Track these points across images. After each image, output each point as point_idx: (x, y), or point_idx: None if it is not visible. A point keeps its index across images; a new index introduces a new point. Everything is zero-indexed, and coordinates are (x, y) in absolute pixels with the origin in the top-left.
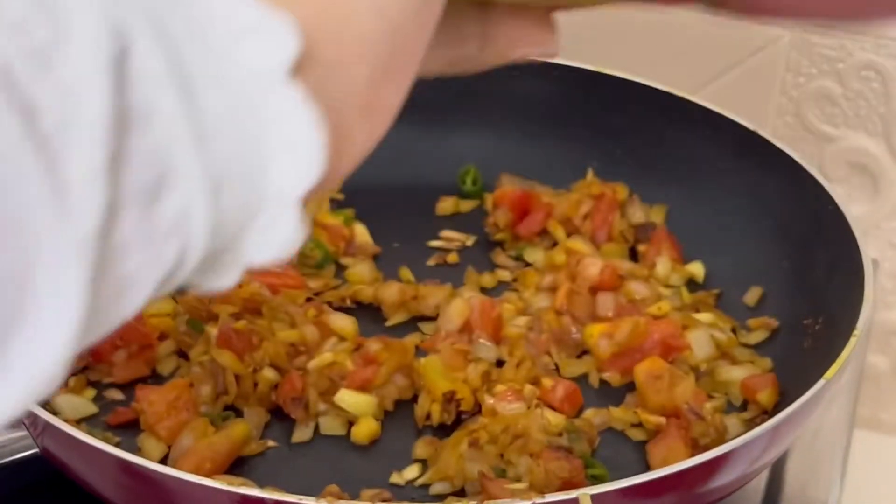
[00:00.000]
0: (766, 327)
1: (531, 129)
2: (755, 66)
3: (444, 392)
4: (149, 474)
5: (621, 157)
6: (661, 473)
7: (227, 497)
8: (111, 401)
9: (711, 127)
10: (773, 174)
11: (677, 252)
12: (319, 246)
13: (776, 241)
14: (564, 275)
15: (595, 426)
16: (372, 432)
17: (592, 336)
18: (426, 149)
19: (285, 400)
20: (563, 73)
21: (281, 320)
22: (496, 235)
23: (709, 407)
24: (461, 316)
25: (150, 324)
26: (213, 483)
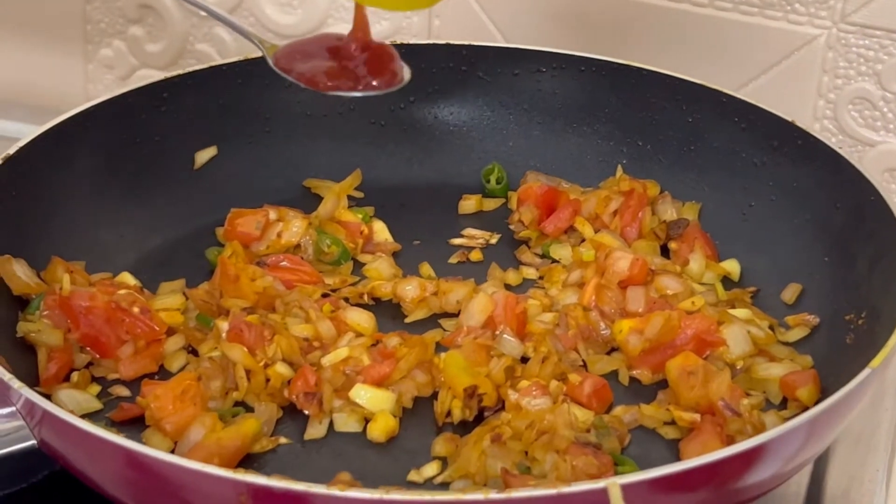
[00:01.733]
0: (806, 324)
1: (557, 125)
2: (790, 68)
3: (465, 387)
4: (154, 464)
5: (652, 154)
6: (694, 464)
7: (233, 487)
8: (116, 397)
9: (746, 120)
10: (811, 167)
11: (711, 249)
12: (336, 242)
13: (815, 236)
14: (593, 270)
15: (625, 424)
16: (389, 429)
17: (622, 332)
18: (449, 147)
19: (298, 395)
20: (589, 66)
21: (295, 315)
22: (521, 233)
23: (746, 403)
24: (484, 311)
25: (157, 318)
26: (220, 471)
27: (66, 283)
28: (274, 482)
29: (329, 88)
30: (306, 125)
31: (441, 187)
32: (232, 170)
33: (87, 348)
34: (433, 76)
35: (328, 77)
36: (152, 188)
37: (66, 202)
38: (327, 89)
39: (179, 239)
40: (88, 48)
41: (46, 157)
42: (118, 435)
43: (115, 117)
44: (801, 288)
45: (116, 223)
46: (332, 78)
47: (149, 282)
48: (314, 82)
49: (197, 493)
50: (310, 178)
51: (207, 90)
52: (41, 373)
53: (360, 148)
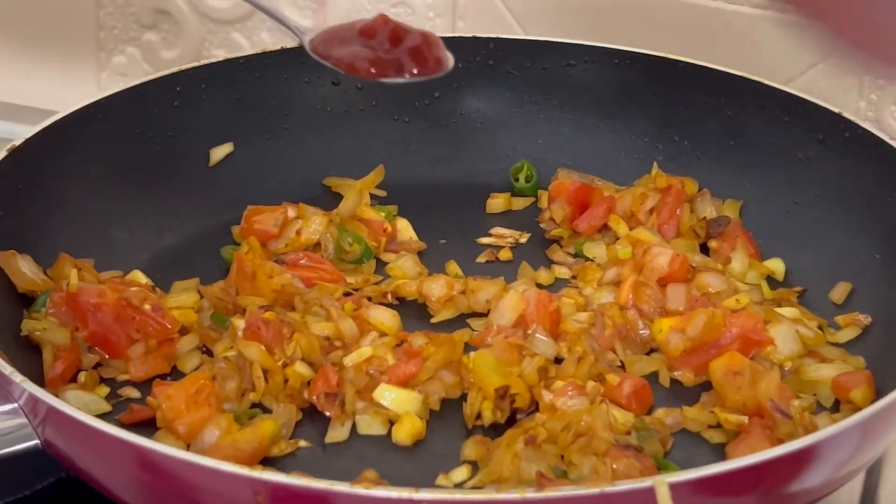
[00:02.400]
0: (858, 324)
1: (589, 121)
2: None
3: (496, 388)
4: (166, 463)
5: (689, 150)
6: (743, 463)
7: (250, 486)
8: (126, 399)
9: (789, 112)
10: (859, 160)
11: (754, 248)
12: (358, 240)
13: (865, 232)
14: (630, 267)
15: (667, 426)
16: (416, 431)
17: (662, 331)
18: (475, 144)
19: (319, 396)
20: (622, 59)
21: (315, 314)
22: (552, 232)
23: (797, 405)
24: (515, 310)
25: (170, 317)
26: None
27: (74, 280)
28: (293, 480)
29: (372, 76)
30: (326, 121)
31: (468, 186)
32: (248, 167)
33: (96, 348)
34: (459, 70)
35: (370, 64)
36: (165, 185)
37: (75, 197)
38: (370, 76)
39: (194, 237)
40: (101, 55)
41: (54, 150)
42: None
43: (127, 110)
44: (851, 287)
45: (128, 220)
46: (375, 65)
47: (161, 281)
48: (355, 68)
49: (211, 493)
50: (330, 177)
51: (223, 84)
52: (46, 373)
53: (383, 145)
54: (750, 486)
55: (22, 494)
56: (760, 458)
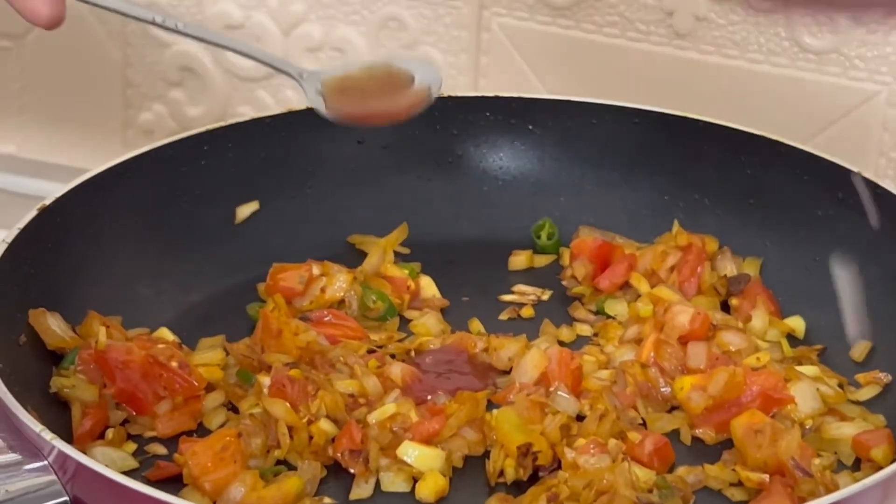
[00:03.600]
0: (878, 382)
1: (611, 179)
2: (849, 126)
3: (519, 445)
4: None
5: (710, 208)
6: None
7: None
8: (152, 455)
9: (808, 171)
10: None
11: (774, 305)
12: (382, 298)
13: (885, 291)
14: (650, 325)
15: (689, 484)
16: (439, 489)
17: (683, 389)
18: (498, 202)
19: (343, 453)
20: (643, 117)
21: (340, 371)
22: (574, 289)
23: (818, 463)
24: (538, 367)
25: (196, 374)
26: None
27: (103, 337)
28: None
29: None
30: (350, 180)
31: (490, 243)
32: (274, 225)
33: (123, 404)
34: (482, 129)
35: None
36: (192, 243)
37: (103, 255)
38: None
39: (220, 295)
40: (129, 112)
41: (83, 209)
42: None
43: (154, 169)
44: (871, 345)
45: (155, 278)
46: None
47: (188, 338)
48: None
49: None
50: (354, 234)
51: (249, 143)
52: (75, 429)
53: (407, 203)
54: None
55: None
56: None
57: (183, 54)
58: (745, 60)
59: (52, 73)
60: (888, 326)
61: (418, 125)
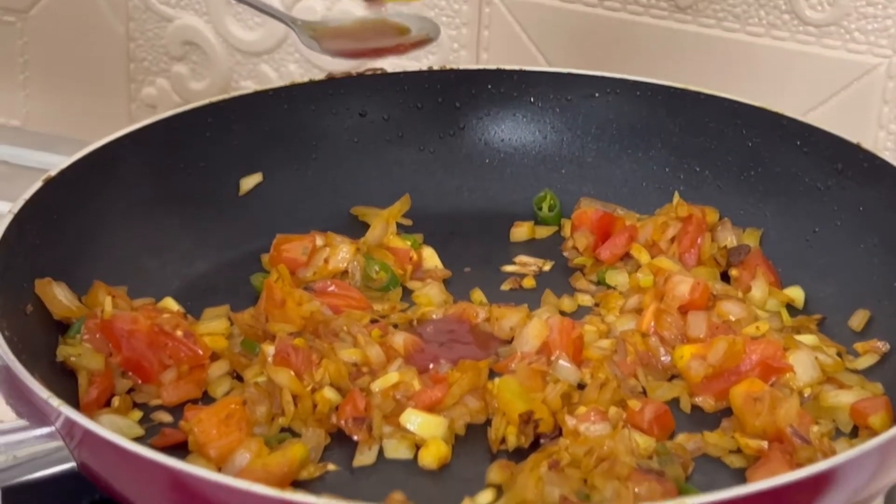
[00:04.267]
0: (876, 351)
1: (611, 151)
2: (849, 98)
3: (520, 413)
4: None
5: (710, 179)
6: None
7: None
8: (158, 423)
9: (808, 143)
10: (878, 189)
11: (774, 276)
12: (385, 269)
13: (884, 261)
14: (651, 295)
15: (689, 451)
16: (441, 455)
17: (683, 358)
18: (499, 174)
19: (347, 421)
20: (644, 90)
21: (343, 340)
22: (575, 260)
23: (816, 431)
24: (539, 336)
25: (201, 343)
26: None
27: (108, 307)
28: (324, 501)
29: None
30: (354, 152)
31: (492, 215)
32: (278, 197)
33: (129, 373)
34: (483, 102)
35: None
36: (197, 214)
37: (109, 226)
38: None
39: (224, 266)
40: (132, 87)
41: (88, 181)
42: None
43: (159, 141)
44: (870, 314)
45: (159, 249)
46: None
47: (192, 308)
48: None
49: None
50: (357, 206)
51: (253, 116)
52: (81, 397)
53: (409, 175)
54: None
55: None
56: (779, 482)
57: (186, 29)
58: (746, 33)
59: (55, 47)
60: (886, 296)
61: (420, 98)
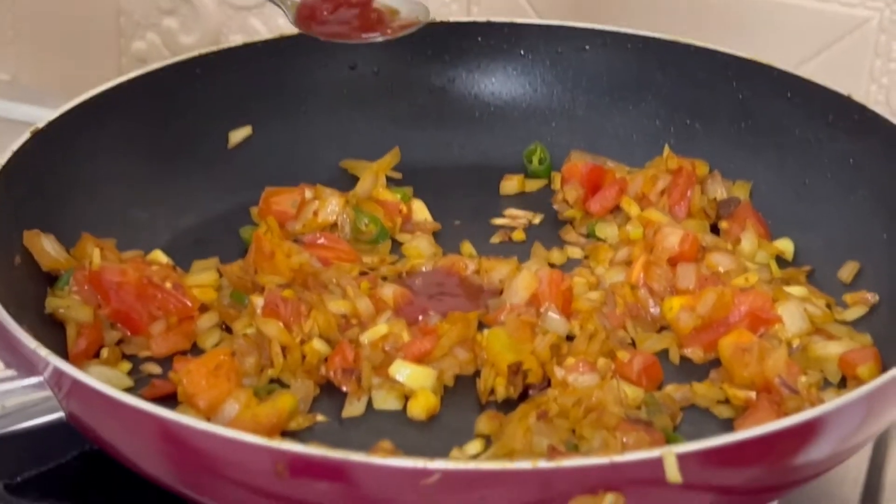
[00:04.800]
0: (865, 303)
1: (601, 104)
2: (841, 51)
3: (509, 364)
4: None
5: (701, 132)
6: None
7: (270, 456)
8: (147, 374)
9: (800, 95)
10: (868, 141)
11: (764, 228)
12: (375, 221)
13: (873, 213)
14: (640, 247)
15: (677, 402)
16: (430, 406)
17: (672, 309)
18: (490, 127)
19: (336, 372)
20: (635, 42)
21: (332, 292)
22: (565, 213)
23: (804, 381)
24: (528, 288)
25: (190, 294)
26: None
27: (97, 259)
28: (312, 450)
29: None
30: (343, 105)
31: (482, 168)
32: (267, 150)
33: (118, 325)
34: (474, 55)
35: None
36: (186, 167)
37: (97, 179)
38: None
39: (213, 219)
40: (122, 41)
41: (76, 132)
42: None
43: (148, 93)
44: (859, 266)
45: (148, 201)
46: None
47: (182, 261)
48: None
49: (232, 464)
50: (347, 159)
51: (242, 68)
52: (70, 349)
53: (399, 129)
54: (757, 457)
55: (47, 467)
56: (767, 430)
57: None
58: None
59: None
60: (876, 248)
61: (410, 51)
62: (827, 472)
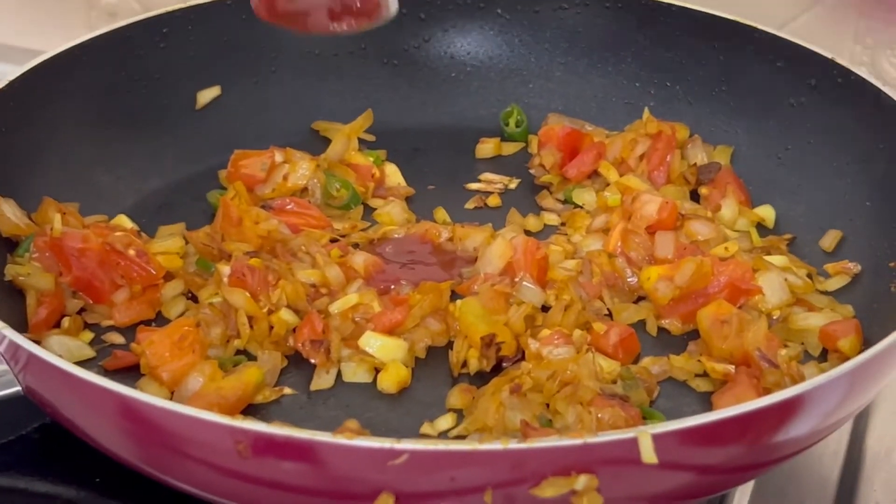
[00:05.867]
0: (847, 272)
1: (580, 66)
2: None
3: (482, 336)
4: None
5: (681, 95)
6: (729, 413)
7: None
8: (110, 345)
9: (782, 58)
10: (852, 106)
11: (744, 194)
12: (346, 186)
13: (856, 180)
14: (618, 215)
15: (654, 375)
16: (401, 379)
17: (650, 279)
18: (465, 89)
19: (304, 343)
20: (615, 2)
21: (301, 260)
22: (542, 178)
23: (784, 354)
24: (503, 257)
25: (155, 262)
26: (216, 418)
27: (58, 224)
28: (275, 430)
29: (308, 29)
30: (315, 65)
31: (457, 130)
32: (236, 110)
33: (80, 293)
34: (449, 13)
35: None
36: (152, 128)
37: (60, 141)
38: (306, 30)
39: (180, 182)
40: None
41: (38, 93)
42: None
43: (113, 52)
44: (842, 235)
45: (113, 164)
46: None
47: (147, 226)
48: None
49: (193, 442)
50: (318, 121)
51: (210, 26)
52: (30, 318)
53: (372, 89)
54: (735, 436)
55: (6, 439)
56: (745, 409)
57: None
58: None
59: None
60: (859, 216)
61: None
62: (807, 449)
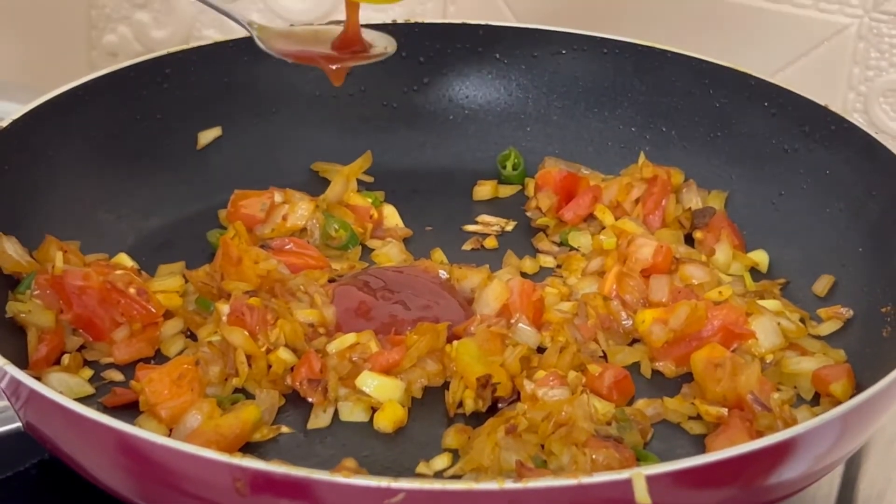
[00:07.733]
0: (839, 317)
1: (577, 110)
2: (819, 58)
3: (478, 377)
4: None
5: (676, 140)
6: (723, 456)
7: (229, 472)
8: (109, 382)
9: (776, 104)
10: (845, 153)
11: (738, 239)
12: (345, 227)
13: (849, 226)
14: (614, 258)
15: (648, 417)
16: (397, 419)
17: (645, 322)
18: (463, 131)
19: (302, 382)
20: (611, 48)
21: (300, 300)
22: (538, 220)
23: (776, 398)
24: (499, 299)
25: (154, 300)
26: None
27: (59, 262)
28: (273, 467)
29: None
30: (315, 107)
31: (455, 173)
32: (236, 151)
33: (80, 330)
34: (449, 57)
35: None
36: (153, 168)
37: (62, 179)
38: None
39: (180, 221)
40: (93, 34)
41: (42, 132)
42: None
43: (116, 92)
44: (834, 280)
45: (114, 203)
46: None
47: (147, 264)
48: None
49: (191, 479)
50: (318, 162)
51: (212, 67)
52: (31, 355)
53: (371, 131)
54: (728, 478)
55: (4, 476)
56: (739, 452)
57: None
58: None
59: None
60: (851, 261)
61: None
62: (800, 491)
